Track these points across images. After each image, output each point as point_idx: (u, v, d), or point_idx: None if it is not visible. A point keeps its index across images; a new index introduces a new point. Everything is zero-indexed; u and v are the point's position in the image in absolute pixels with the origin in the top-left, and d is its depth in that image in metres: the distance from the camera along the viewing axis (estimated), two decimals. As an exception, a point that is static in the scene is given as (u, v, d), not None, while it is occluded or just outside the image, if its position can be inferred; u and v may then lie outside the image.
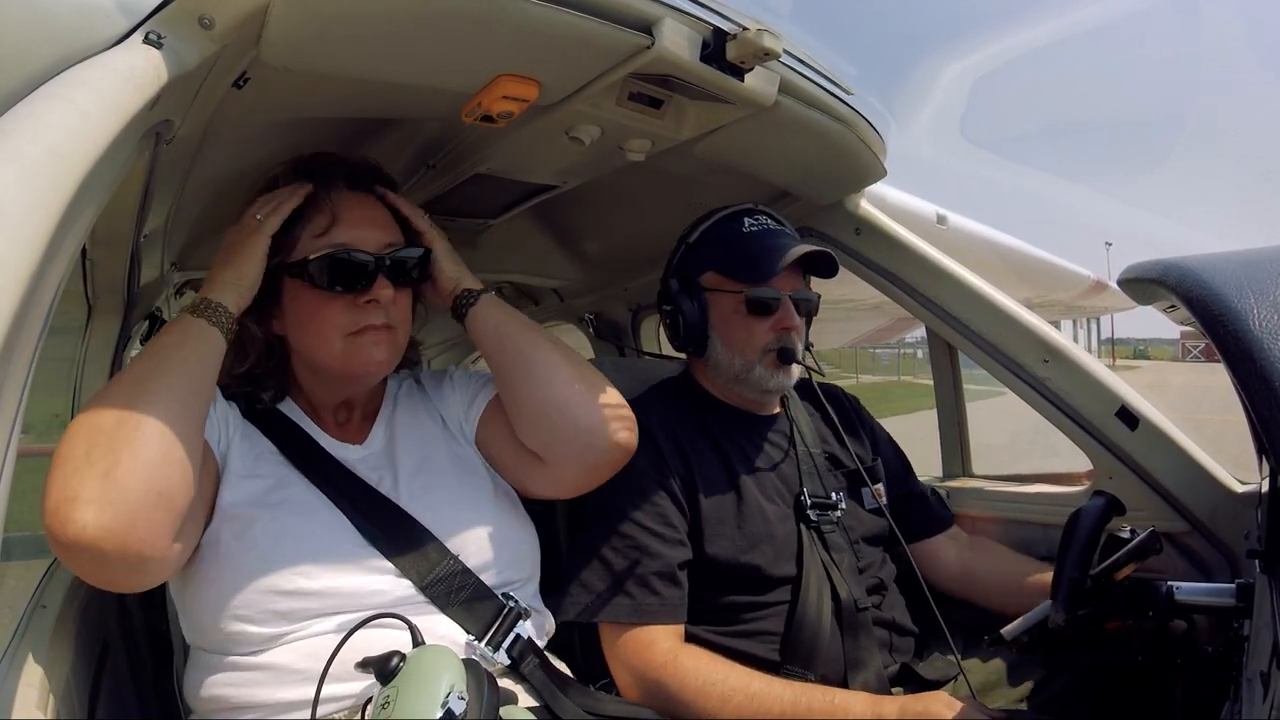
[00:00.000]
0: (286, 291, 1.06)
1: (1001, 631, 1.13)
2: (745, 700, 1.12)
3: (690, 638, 1.23)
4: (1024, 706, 1.22)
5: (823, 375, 1.45)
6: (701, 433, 1.34)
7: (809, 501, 1.33)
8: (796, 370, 1.37)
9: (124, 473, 0.77)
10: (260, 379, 1.10)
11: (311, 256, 1.03)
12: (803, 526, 1.31)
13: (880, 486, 1.45)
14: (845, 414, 1.54)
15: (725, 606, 1.25)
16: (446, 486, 1.10)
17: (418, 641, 0.89)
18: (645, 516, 1.22)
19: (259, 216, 1.02)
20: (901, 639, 1.33)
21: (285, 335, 1.09)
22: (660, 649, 1.18)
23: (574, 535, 1.30)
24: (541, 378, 1.09)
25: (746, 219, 1.38)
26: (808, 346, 1.40)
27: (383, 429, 1.15)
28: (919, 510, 1.51)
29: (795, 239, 1.38)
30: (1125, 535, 1.09)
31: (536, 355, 1.10)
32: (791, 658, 1.22)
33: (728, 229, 1.38)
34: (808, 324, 1.41)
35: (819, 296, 1.41)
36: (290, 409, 1.12)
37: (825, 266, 1.35)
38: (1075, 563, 1.07)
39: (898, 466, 1.54)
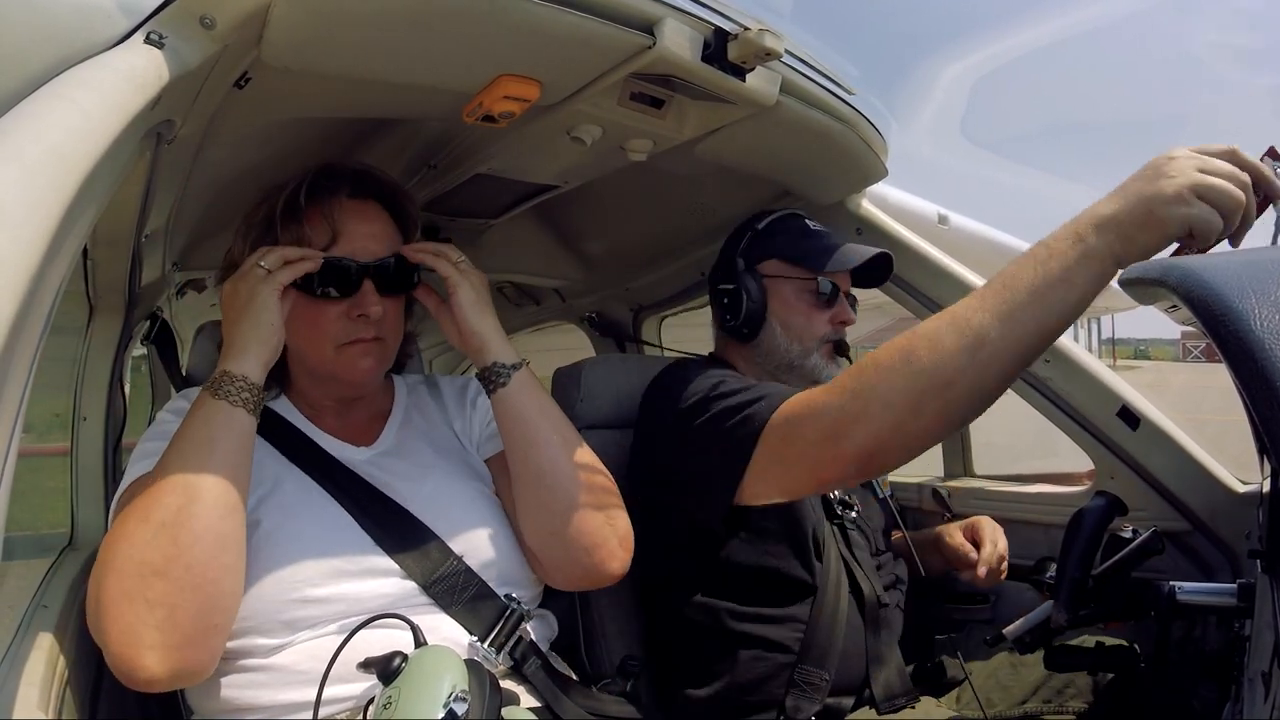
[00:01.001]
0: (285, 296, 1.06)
1: (1004, 631, 1.13)
2: (935, 334, 0.85)
3: (710, 611, 1.24)
4: (1025, 708, 1.22)
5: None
6: None
7: (834, 498, 1.35)
8: (844, 365, 1.39)
9: (183, 616, 0.82)
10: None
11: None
12: (828, 522, 1.32)
13: (886, 478, 1.47)
14: None
15: (750, 586, 1.24)
16: (452, 489, 1.09)
17: (420, 642, 0.88)
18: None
19: (264, 265, 0.98)
20: (917, 635, 1.34)
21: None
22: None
23: (694, 437, 1.17)
24: (552, 489, 1.05)
25: (808, 221, 1.42)
26: None
27: (393, 431, 1.15)
28: None
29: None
30: (1127, 535, 1.09)
31: (553, 462, 1.05)
32: (809, 654, 1.21)
33: (794, 224, 1.42)
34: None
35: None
36: (288, 410, 1.13)
37: (874, 277, 1.40)
38: (1077, 563, 1.07)
39: None
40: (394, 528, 1.01)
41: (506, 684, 0.96)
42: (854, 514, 1.36)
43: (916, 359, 0.84)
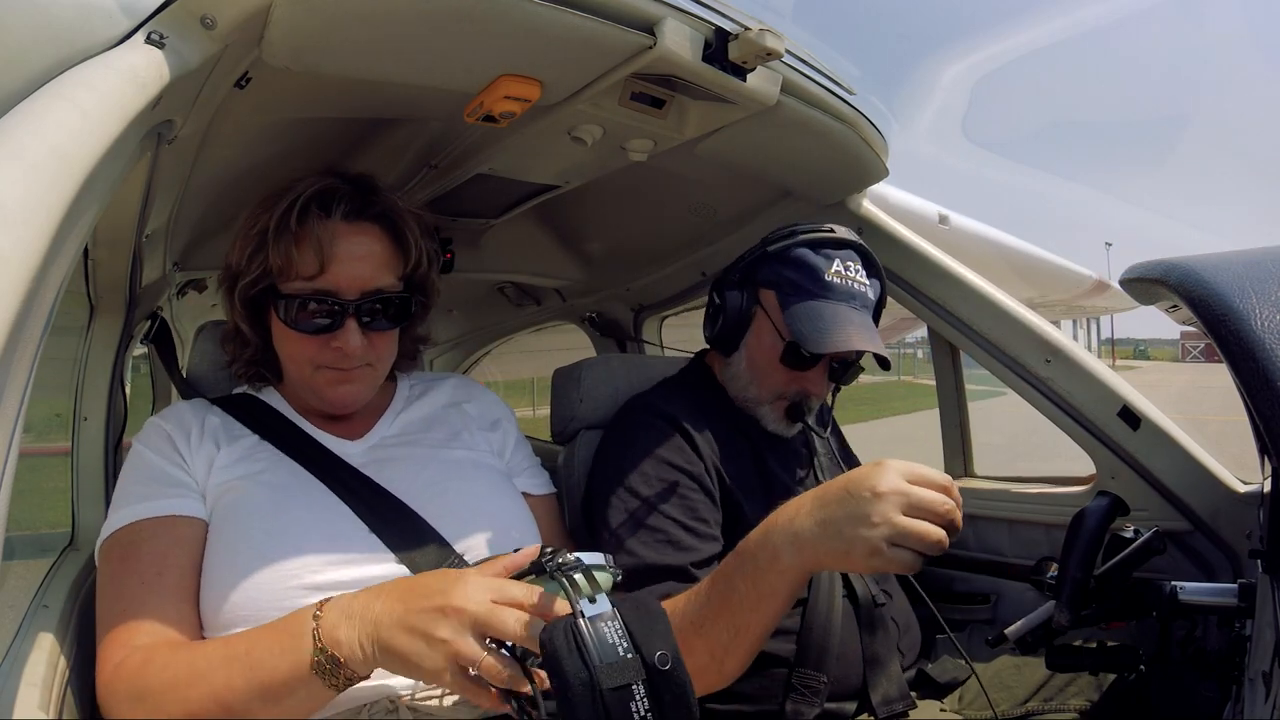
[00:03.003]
0: (271, 311, 1.07)
1: (1005, 631, 1.13)
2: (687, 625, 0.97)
3: None
4: (1027, 707, 1.22)
5: (823, 436, 1.43)
6: (726, 424, 1.32)
7: None
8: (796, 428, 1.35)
9: None
10: (263, 362, 1.14)
11: (286, 293, 1.03)
12: None
13: None
14: (826, 411, 1.56)
15: None
16: (451, 484, 1.09)
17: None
18: (676, 510, 1.19)
19: None
20: (908, 639, 1.34)
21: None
22: None
23: (596, 525, 1.23)
24: None
25: (836, 261, 1.26)
26: (828, 406, 1.41)
27: (386, 426, 1.16)
28: None
29: (867, 310, 1.29)
30: (1129, 535, 1.09)
31: None
32: (805, 657, 1.20)
33: (811, 261, 1.26)
34: (837, 385, 1.38)
35: (860, 368, 1.36)
36: (279, 402, 1.14)
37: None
38: (1080, 563, 1.07)
39: None
40: (394, 522, 1.01)
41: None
42: None
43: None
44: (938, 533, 0.81)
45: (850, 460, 1.56)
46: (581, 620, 0.66)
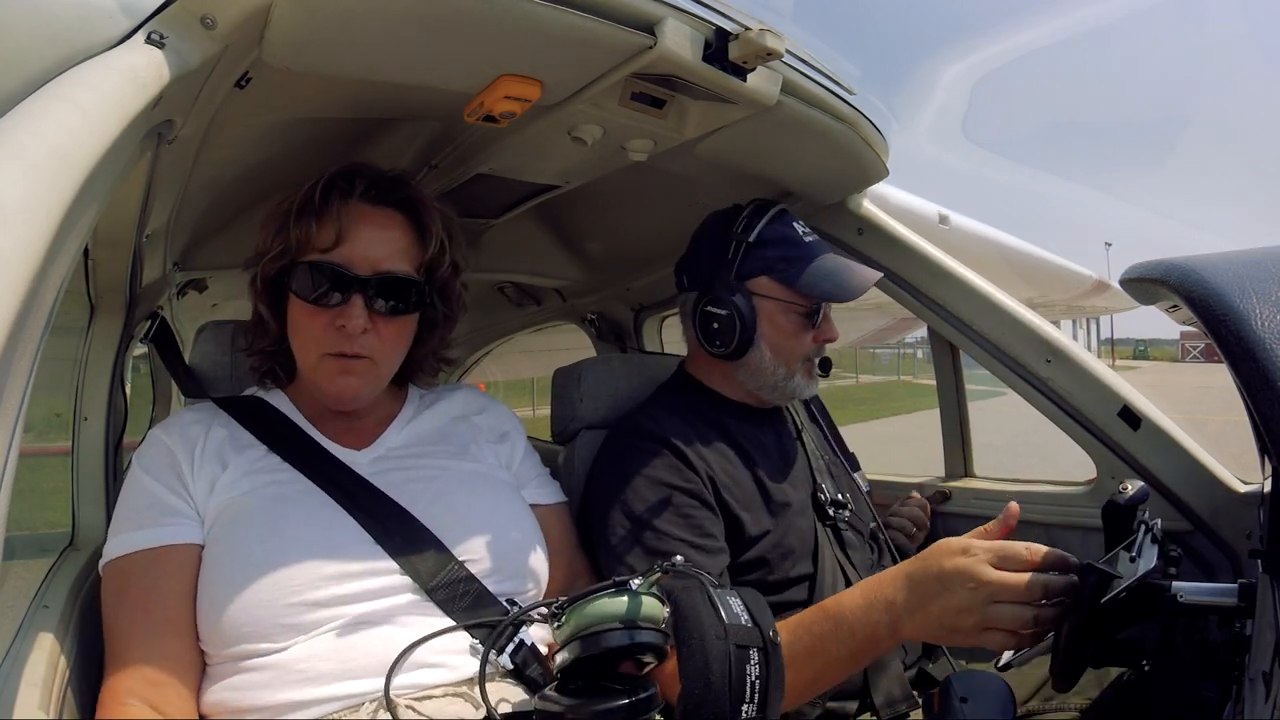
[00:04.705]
0: (287, 292, 1.07)
1: (1012, 660, 1.10)
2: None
3: None
4: (1028, 707, 1.22)
5: (825, 375, 1.47)
6: (717, 431, 1.32)
7: (826, 499, 1.34)
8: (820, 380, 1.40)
9: None
10: (278, 357, 1.14)
11: (300, 262, 1.04)
12: (819, 524, 1.32)
13: (863, 473, 1.49)
14: (819, 408, 1.59)
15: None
16: (458, 497, 1.09)
17: None
18: (682, 530, 1.18)
19: None
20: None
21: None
22: None
23: (602, 555, 1.23)
24: None
25: (794, 225, 1.34)
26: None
27: (394, 436, 1.15)
28: None
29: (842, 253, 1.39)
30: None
31: None
32: None
33: (783, 233, 1.33)
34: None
35: None
36: (286, 406, 1.13)
37: None
38: (1074, 639, 1.05)
39: None
40: (396, 530, 1.01)
41: (507, 686, 0.96)
42: (847, 514, 1.36)
43: None
44: (1025, 618, 0.87)
45: (834, 436, 1.57)
46: (710, 587, 0.72)
